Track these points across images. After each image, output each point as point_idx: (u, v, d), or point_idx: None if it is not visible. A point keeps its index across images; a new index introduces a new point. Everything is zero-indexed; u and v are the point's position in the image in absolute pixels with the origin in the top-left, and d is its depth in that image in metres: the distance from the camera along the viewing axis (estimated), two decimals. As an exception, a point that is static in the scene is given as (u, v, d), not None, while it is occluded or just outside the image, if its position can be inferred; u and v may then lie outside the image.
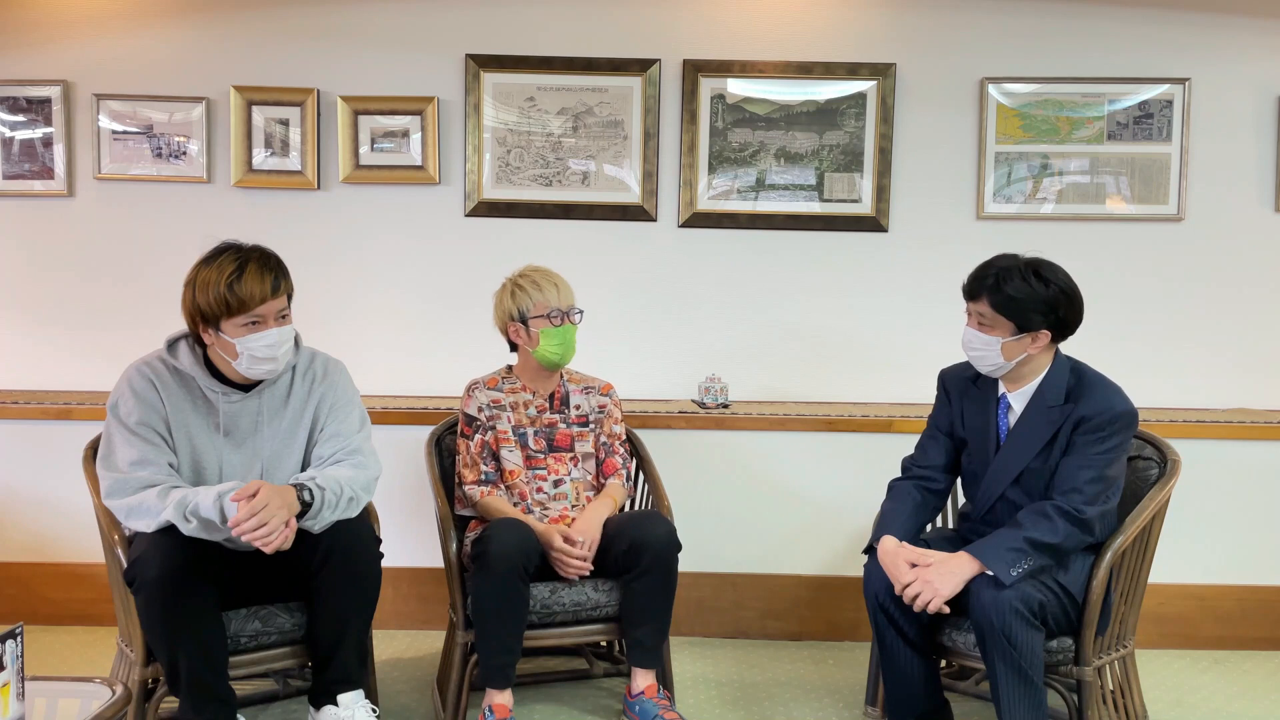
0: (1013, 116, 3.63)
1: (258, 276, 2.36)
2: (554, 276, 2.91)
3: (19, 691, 1.82)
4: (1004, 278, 2.47)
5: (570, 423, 2.95)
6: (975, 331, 2.52)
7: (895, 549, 2.49)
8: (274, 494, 2.26)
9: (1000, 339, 2.48)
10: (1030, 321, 2.46)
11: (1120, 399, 2.49)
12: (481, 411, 2.89)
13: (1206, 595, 3.42)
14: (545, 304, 2.86)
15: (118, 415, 2.38)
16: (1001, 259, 2.53)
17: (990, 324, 2.49)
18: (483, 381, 2.95)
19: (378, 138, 3.62)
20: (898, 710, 2.59)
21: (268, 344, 2.37)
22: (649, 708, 2.68)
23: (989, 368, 2.55)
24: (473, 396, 2.91)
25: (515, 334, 2.89)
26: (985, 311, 2.49)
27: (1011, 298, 2.45)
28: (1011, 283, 2.46)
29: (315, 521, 2.36)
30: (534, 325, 2.85)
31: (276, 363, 2.40)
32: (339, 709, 2.45)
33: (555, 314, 2.85)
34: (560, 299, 2.87)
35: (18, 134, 3.64)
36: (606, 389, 3.02)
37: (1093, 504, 2.41)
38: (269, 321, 2.37)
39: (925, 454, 2.74)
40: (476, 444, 2.87)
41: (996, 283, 2.47)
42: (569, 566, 2.69)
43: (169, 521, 2.27)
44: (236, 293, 2.33)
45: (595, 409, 2.98)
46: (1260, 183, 3.64)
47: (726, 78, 3.62)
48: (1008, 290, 2.45)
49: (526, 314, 2.86)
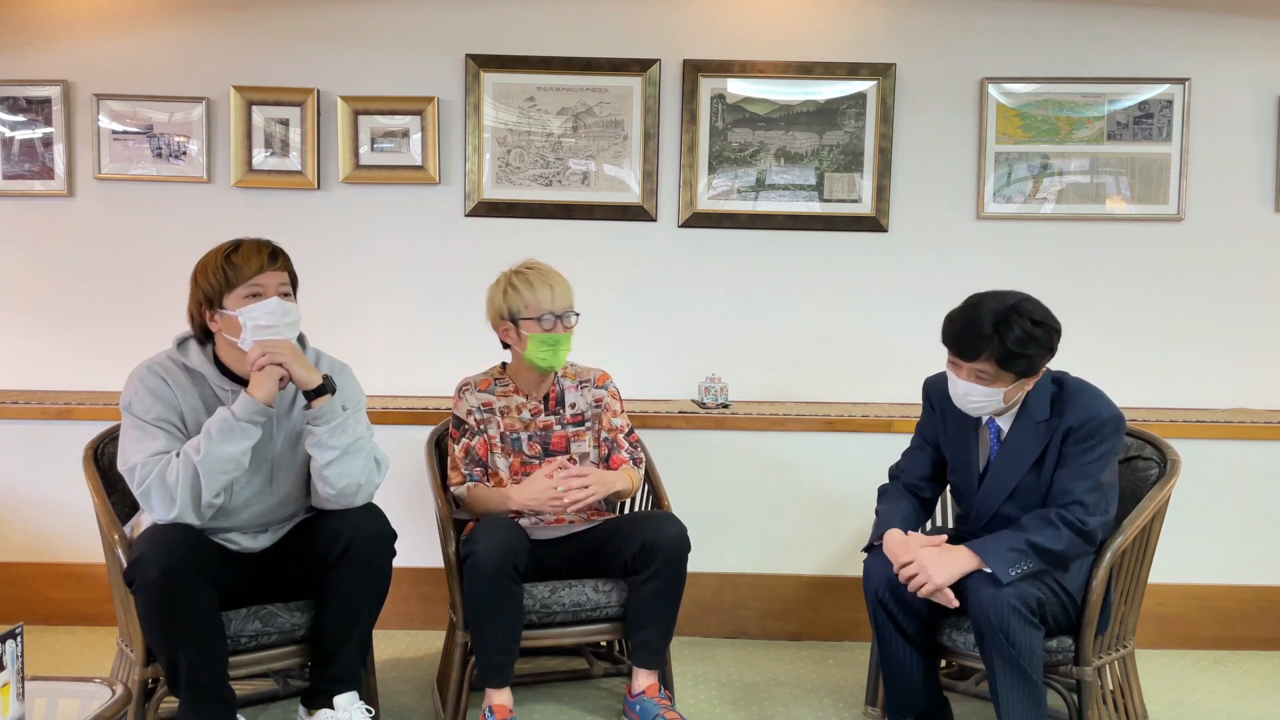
0: (1013, 116, 3.63)
1: (254, 249, 2.40)
2: (552, 276, 2.80)
3: (19, 691, 1.82)
4: (1004, 331, 2.34)
5: (565, 423, 2.89)
6: (974, 385, 2.43)
7: (904, 537, 2.49)
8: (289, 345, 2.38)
9: (1004, 388, 2.42)
10: (1034, 366, 2.40)
11: (1104, 405, 2.46)
12: (471, 415, 2.83)
13: (1206, 595, 3.42)
14: (538, 306, 2.74)
15: (133, 413, 2.37)
16: (986, 306, 2.38)
17: (992, 378, 2.40)
18: (474, 383, 2.88)
19: (378, 138, 3.62)
20: (897, 708, 2.59)
21: (268, 310, 2.36)
22: (650, 708, 2.67)
23: (987, 412, 2.50)
24: (463, 398, 2.84)
25: (505, 333, 2.81)
26: (987, 368, 2.38)
27: (1017, 352, 2.34)
28: (1013, 334, 2.34)
29: (326, 424, 2.38)
30: (524, 328, 2.76)
31: (278, 332, 2.37)
32: (335, 712, 2.45)
33: (547, 318, 2.74)
34: (555, 301, 2.75)
35: (18, 134, 3.64)
36: (602, 380, 2.94)
37: (1094, 515, 2.40)
38: (270, 292, 2.38)
39: (911, 464, 2.73)
40: (462, 448, 2.82)
41: (999, 338, 2.34)
42: (568, 493, 2.64)
43: (192, 465, 2.27)
44: (234, 262, 2.36)
45: (591, 404, 2.91)
46: (1260, 183, 3.64)
47: (726, 78, 3.62)
48: (1010, 345, 2.34)
49: (517, 315, 2.76)
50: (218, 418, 2.32)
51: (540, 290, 2.75)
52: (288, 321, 2.40)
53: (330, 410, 2.40)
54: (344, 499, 2.45)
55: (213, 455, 2.29)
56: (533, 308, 2.74)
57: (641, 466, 2.91)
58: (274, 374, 2.34)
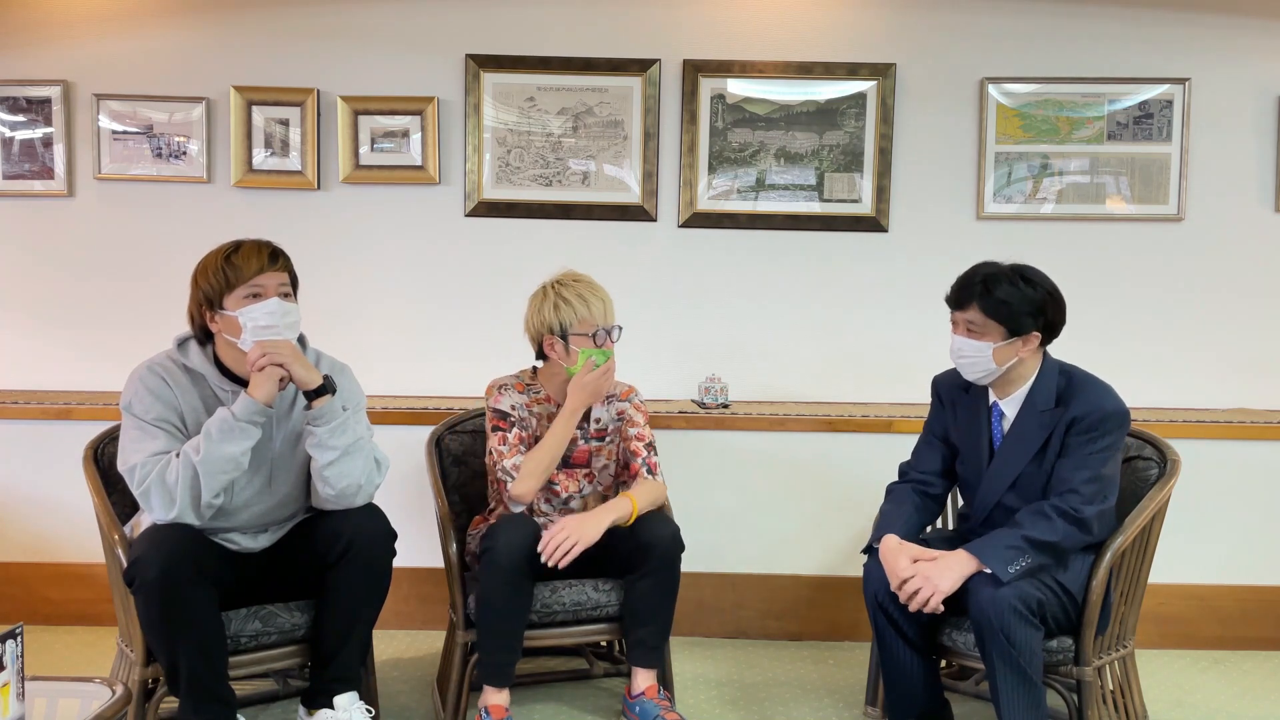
0: (1013, 116, 3.63)
1: (254, 249, 2.40)
2: (599, 290, 2.76)
3: (19, 691, 1.82)
4: (991, 282, 2.47)
5: (589, 437, 2.85)
6: (964, 339, 2.52)
7: (898, 546, 2.49)
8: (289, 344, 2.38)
9: (992, 344, 2.48)
10: (1021, 324, 2.47)
11: (1111, 398, 2.49)
12: (515, 409, 2.76)
13: (1206, 595, 3.42)
14: (590, 321, 2.71)
15: (133, 413, 2.37)
16: (984, 266, 2.53)
17: (980, 330, 2.49)
18: (510, 384, 2.81)
19: (378, 138, 3.62)
20: (898, 710, 2.59)
21: (268, 310, 2.36)
22: (649, 708, 2.67)
23: (980, 374, 2.54)
24: (503, 395, 2.77)
25: (550, 347, 2.74)
26: (975, 318, 2.48)
27: (1002, 301, 2.45)
28: (1000, 287, 2.46)
29: (327, 424, 2.38)
30: (575, 343, 2.72)
31: (277, 332, 2.37)
32: (335, 712, 2.45)
33: (600, 334, 2.71)
34: (606, 316, 2.74)
35: (18, 134, 3.64)
36: (626, 394, 2.90)
37: (1090, 504, 2.41)
38: (270, 292, 2.38)
39: (921, 459, 2.75)
40: (515, 436, 2.71)
41: (985, 288, 2.47)
42: (550, 549, 2.57)
43: (191, 466, 2.27)
44: (234, 263, 2.36)
45: (614, 418, 2.88)
46: (1260, 183, 3.64)
47: (726, 78, 3.62)
48: (998, 294, 2.46)
49: (569, 329, 2.71)
50: (217, 418, 2.32)
51: (593, 305, 2.72)
52: (288, 322, 2.40)
53: (330, 411, 2.40)
54: (344, 499, 2.45)
55: (212, 455, 2.29)
56: (586, 323, 2.72)
57: (660, 476, 2.83)
58: (274, 374, 2.34)
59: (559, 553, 2.57)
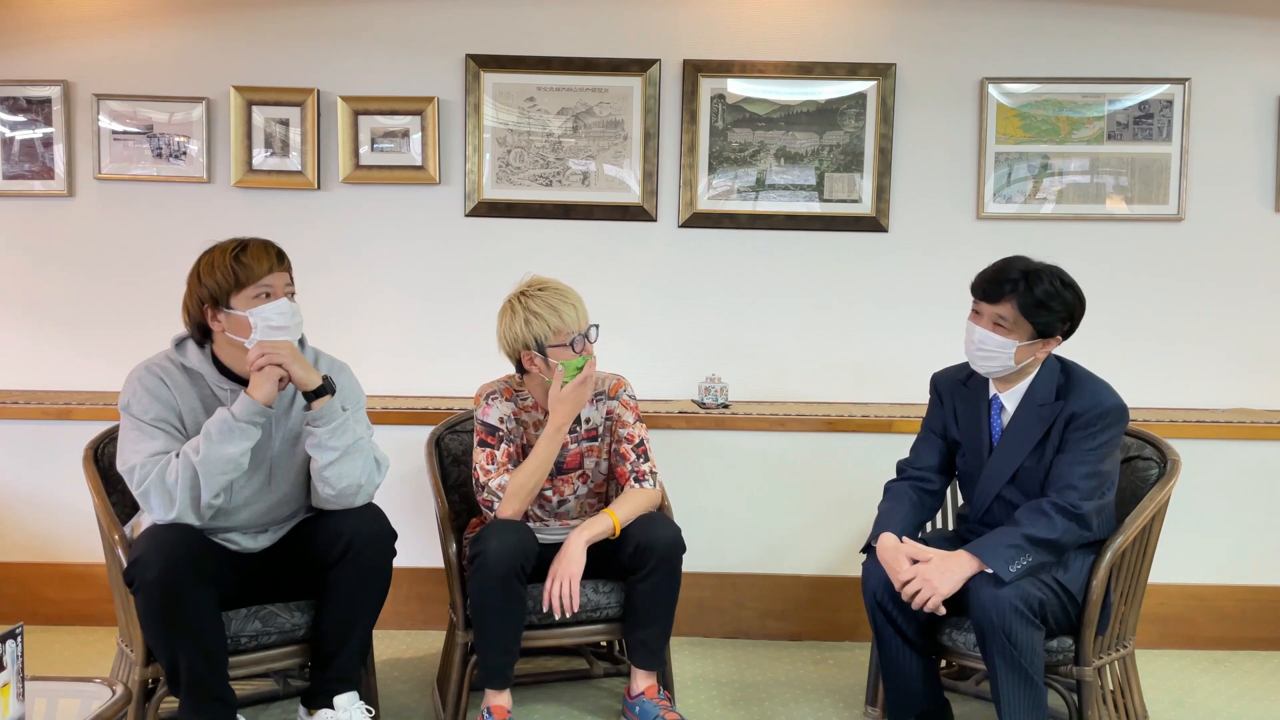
0: (1013, 116, 3.63)
1: (263, 249, 2.40)
2: (569, 294, 2.65)
3: (19, 691, 1.82)
4: (1033, 280, 2.42)
5: (581, 439, 2.80)
6: (989, 333, 2.47)
7: (896, 545, 2.49)
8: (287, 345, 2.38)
9: (1017, 342, 2.46)
10: (1052, 328, 2.45)
11: (1109, 394, 2.49)
12: (504, 422, 2.71)
13: (1206, 595, 3.42)
14: (565, 330, 2.60)
15: (132, 414, 2.37)
16: (1018, 261, 2.49)
17: (1009, 327, 2.45)
18: (499, 392, 2.75)
19: (378, 138, 3.62)
20: (898, 710, 2.59)
21: (280, 310, 2.37)
22: (649, 708, 2.67)
23: (995, 369, 2.52)
24: (491, 405, 2.72)
25: (530, 362, 2.66)
26: (1007, 313, 2.44)
27: (1042, 302, 2.42)
28: (1041, 285, 2.42)
29: (326, 424, 2.38)
30: (554, 355, 2.62)
31: (289, 333, 2.39)
32: (335, 712, 2.45)
33: (578, 340, 2.62)
34: (580, 320, 2.64)
35: (18, 134, 3.64)
36: (615, 389, 2.81)
37: (1088, 499, 2.41)
38: (278, 292, 2.39)
39: (919, 455, 2.74)
40: (504, 452, 2.67)
41: (1026, 285, 2.42)
42: (557, 605, 2.57)
43: (191, 466, 2.28)
44: (244, 263, 2.36)
45: (604, 417, 2.83)
46: (1260, 183, 3.64)
47: (726, 78, 3.62)
48: (1038, 293, 2.42)
49: (545, 343, 2.62)
50: (217, 418, 2.32)
51: (564, 312, 2.61)
52: (297, 322, 2.42)
53: (330, 411, 2.40)
54: (344, 499, 2.45)
55: (212, 456, 2.29)
56: (560, 333, 2.61)
57: (649, 482, 2.75)
58: (273, 374, 2.34)
59: (567, 602, 2.56)
